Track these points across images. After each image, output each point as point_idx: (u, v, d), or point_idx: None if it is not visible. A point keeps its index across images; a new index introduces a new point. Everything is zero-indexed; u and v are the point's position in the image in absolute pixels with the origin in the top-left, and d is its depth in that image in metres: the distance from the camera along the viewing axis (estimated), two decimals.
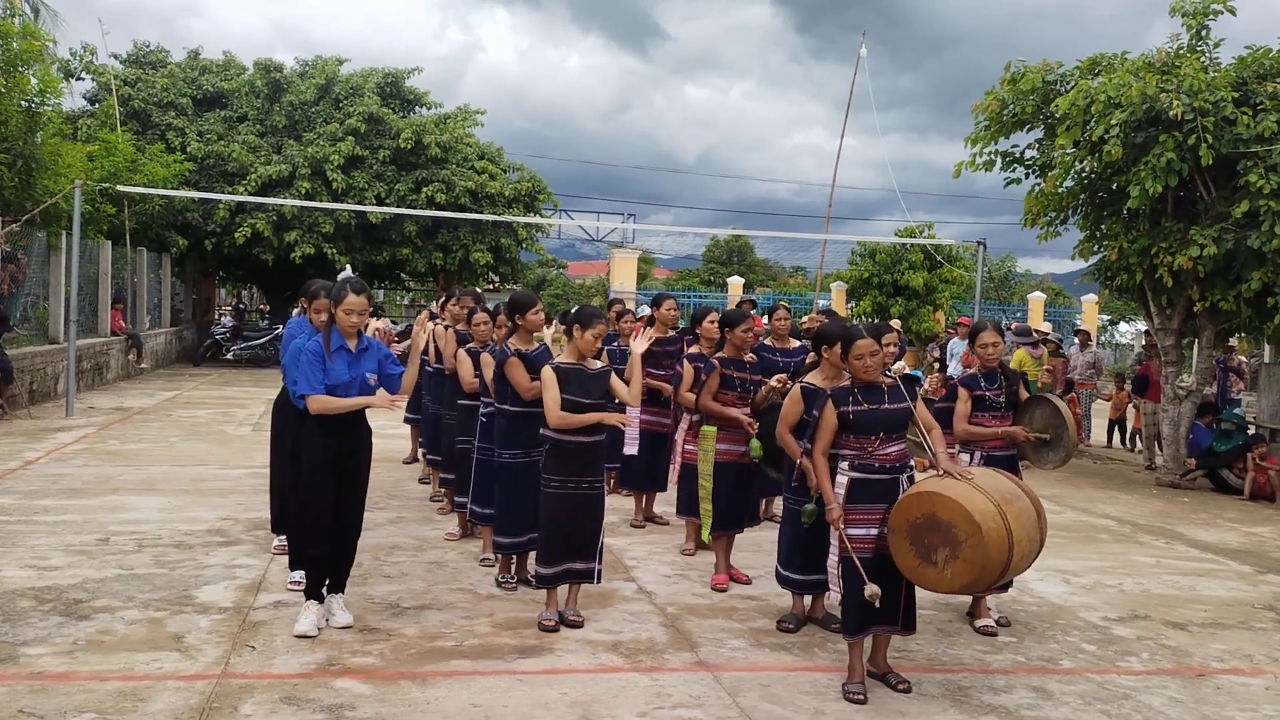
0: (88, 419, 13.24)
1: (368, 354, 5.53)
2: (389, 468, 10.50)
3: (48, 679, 4.63)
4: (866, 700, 4.80)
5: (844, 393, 5.00)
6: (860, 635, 4.93)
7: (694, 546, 7.45)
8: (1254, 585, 7.56)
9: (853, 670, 4.96)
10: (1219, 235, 10.89)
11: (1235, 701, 5.11)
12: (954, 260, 25.38)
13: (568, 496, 5.58)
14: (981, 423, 6.03)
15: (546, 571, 5.66)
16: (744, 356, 6.75)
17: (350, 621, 5.49)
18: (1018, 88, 12.34)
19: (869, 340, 4.99)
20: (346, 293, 5.39)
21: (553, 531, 5.63)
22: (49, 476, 9.31)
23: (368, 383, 5.48)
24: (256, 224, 22.62)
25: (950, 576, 4.62)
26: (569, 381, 5.56)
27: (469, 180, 24.07)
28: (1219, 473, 12.12)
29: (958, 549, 4.57)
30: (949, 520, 4.59)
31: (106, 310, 18.65)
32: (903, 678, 5.00)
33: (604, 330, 5.78)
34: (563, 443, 5.58)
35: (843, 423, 4.95)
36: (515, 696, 4.67)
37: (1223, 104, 10.72)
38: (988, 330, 6.11)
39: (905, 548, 4.72)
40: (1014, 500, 4.80)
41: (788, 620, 5.87)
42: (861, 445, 4.94)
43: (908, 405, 5.00)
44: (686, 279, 48.57)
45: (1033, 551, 4.93)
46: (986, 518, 4.55)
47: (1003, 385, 6.08)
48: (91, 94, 24.36)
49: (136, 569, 6.45)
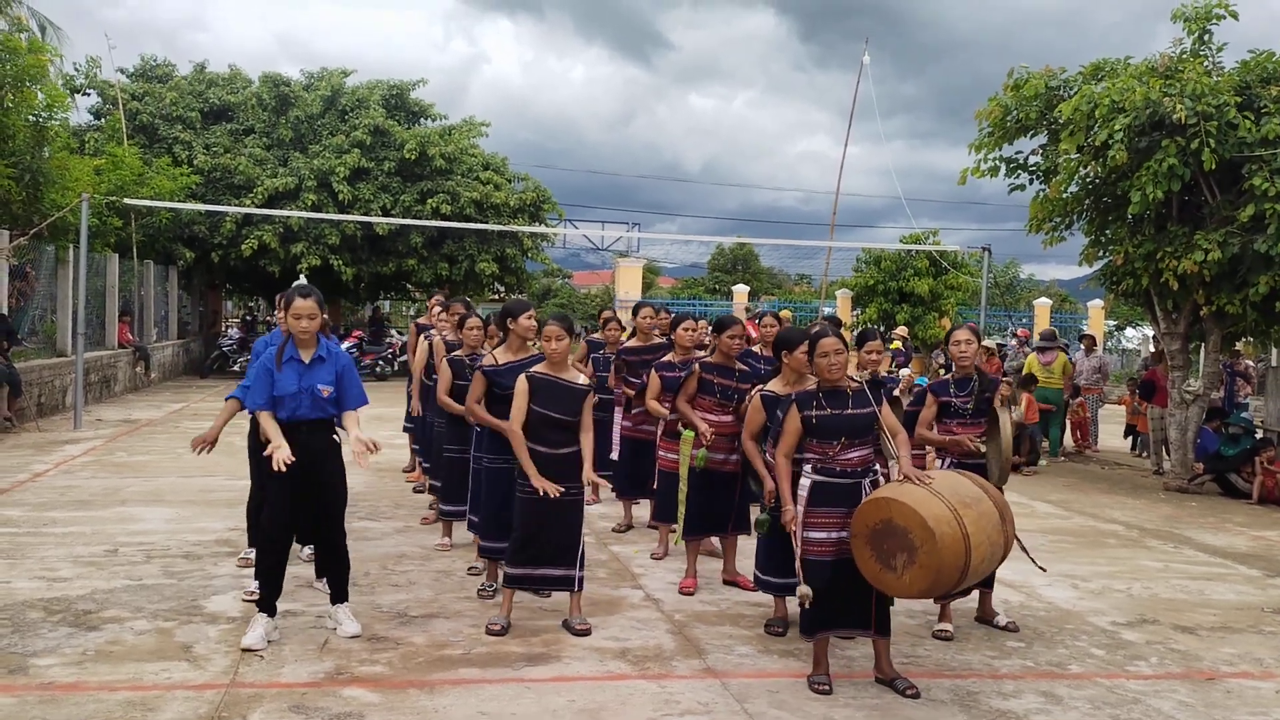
0: (95, 431, 13.29)
1: (324, 365, 5.36)
2: (394, 477, 10.52)
3: (57, 689, 4.65)
4: (831, 691, 4.91)
5: (808, 397, 5.05)
6: (814, 637, 5.01)
7: (664, 551, 7.47)
8: (1263, 589, 7.53)
9: (817, 663, 5.06)
10: (1224, 239, 10.88)
11: (1245, 705, 5.09)
12: (959, 266, 25.39)
13: (541, 502, 5.54)
14: (949, 429, 5.99)
15: (512, 571, 5.65)
16: (732, 364, 6.74)
17: (358, 630, 5.48)
18: (1021, 94, 12.36)
19: (833, 339, 5.06)
20: (294, 298, 5.33)
21: (524, 535, 5.62)
22: (57, 489, 9.34)
23: (318, 393, 5.30)
24: (263, 236, 22.70)
25: (909, 581, 4.67)
26: (539, 392, 5.57)
27: (474, 191, 24.14)
28: (1227, 477, 12.08)
29: (914, 554, 4.62)
30: (905, 526, 4.63)
31: (114, 323, 18.72)
32: (910, 683, 4.99)
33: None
34: (535, 451, 5.59)
35: (806, 427, 5.00)
36: (523, 704, 4.68)
37: (1226, 108, 10.72)
38: (962, 329, 6.10)
39: (867, 553, 4.78)
40: (973, 504, 4.82)
41: (775, 624, 5.89)
42: (823, 450, 4.99)
43: (872, 410, 5.04)
44: (692, 288, 48.58)
45: (995, 554, 4.96)
46: (940, 523, 4.60)
47: (974, 392, 5.99)
48: (97, 108, 24.48)
49: (145, 579, 6.47)
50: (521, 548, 5.63)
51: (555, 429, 5.59)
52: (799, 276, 59.10)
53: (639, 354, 8.14)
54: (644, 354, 8.12)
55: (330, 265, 23.27)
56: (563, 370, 5.69)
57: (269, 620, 5.39)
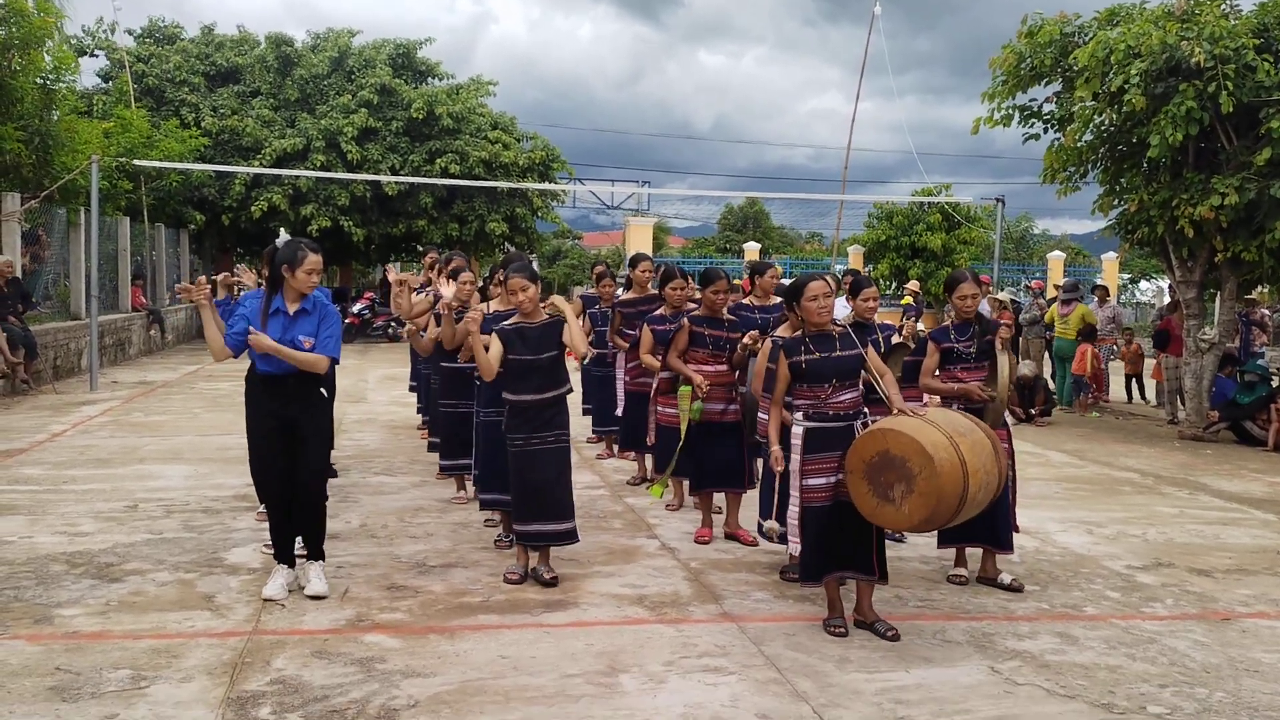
0: (112, 393, 13.37)
1: (307, 317, 5.27)
2: (409, 434, 10.57)
3: (82, 638, 4.71)
4: (848, 634, 4.96)
5: (795, 343, 5.08)
6: (818, 581, 5.04)
7: (679, 502, 7.53)
8: (1279, 533, 7.53)
9: (831, 606, 5.10)
10: (1241, 184, 10.76)
11: (1261, 644, 5.11)
12: (972, 220, 25.23)
13: (530, 453, 5.56)
14: (954, 375, 5.95)
15: (521, 528, 5.67)
16: (720, 315, 6.73)
17: (323, 591, 5.31)
18: (1035, 41, 12.20)
19: (820, 282, 5.08)
20: (305, 253, 5.22)
21: (522, 490, 5.64)
22: (76, 448, 9.41)
23: (300, 346, 5.22)
24: (273, 198, 22.69)
25: (909, 512, 4.65)
26: (511, 343, 5.55)
27: (483, 150, 24.04)
28: (1242, 425, 12.05)
29: (912, 482, 4.59)
30: (902, 455, 4.62)
31: (127, 286, 18.79)
32: (890, 625, 5.01)
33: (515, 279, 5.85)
34: (519, 403, 5.59)
35: (795, 372, 5.03)
36: (542, 648, 4.72)
37: (1244, 51, 10.57)
38: (967, 281, 5.99)
39: (863, 489, 4.76)
40: (967, 433, 4.80)
41: (791, 570, 5.86)
42: (815, 394, 5.02)
43: (859, 351, 5.05)
44: (703, 247, 48.46)
45: (991, 484, 4.88)
46: (938, 449, 4.58)
47: (975, 336, 5.96)
48: (105, 71, 24.42)
49: (165, 533, 6.54)
50: (523, 504, 5.66)
51: (534, 373, 5.56)
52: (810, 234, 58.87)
53: (634, 306, 8.13)
54: (639, 305, 8.11)
55: (340, 226, 23.26)
56: (535, 317, 5.62)
57: (289, 570, 5.44)
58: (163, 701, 4.05)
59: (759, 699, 4.24)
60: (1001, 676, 4.56)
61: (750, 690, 4.32)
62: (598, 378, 9.31)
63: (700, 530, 6.76)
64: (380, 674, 4.37)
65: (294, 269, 5.22)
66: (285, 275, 5.24)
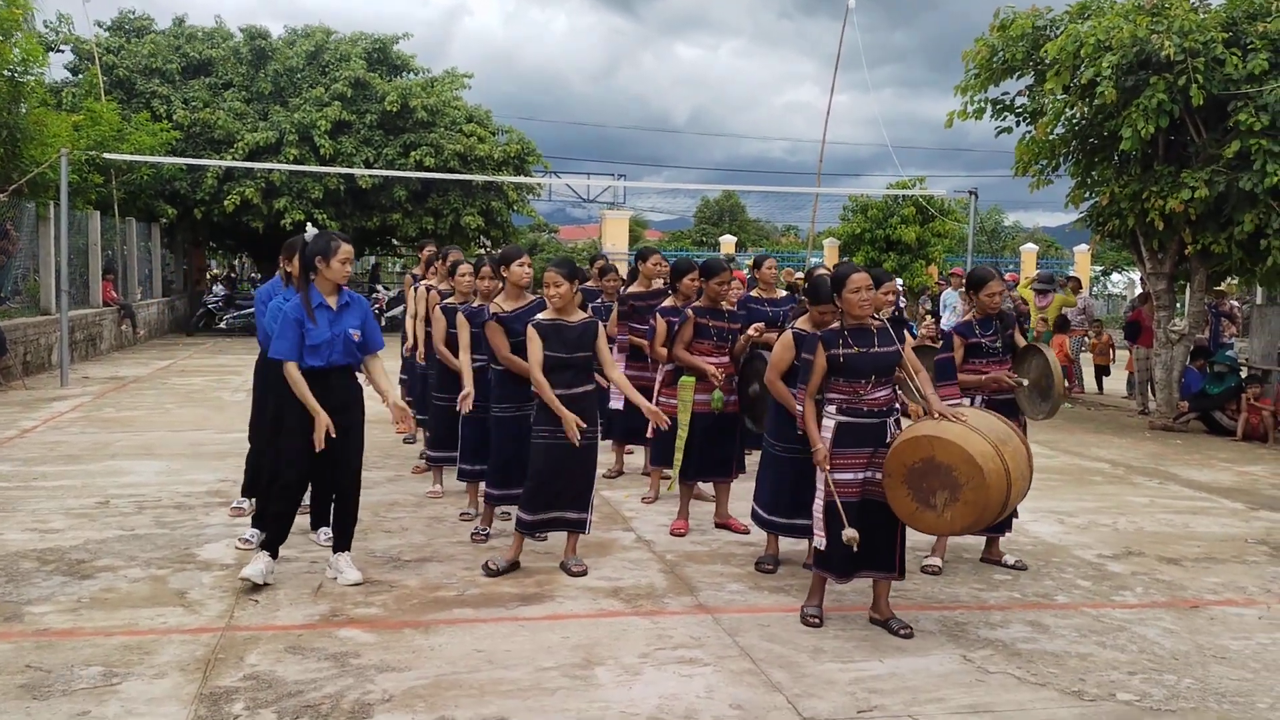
0: (83, 388, 13.24)
1: (350, 310, 5.41)
2: (386, 429, 10.51)
3: (53, 635, 4.67)
4: (823, 624, 4.97)
5: (834, 335, 4.98)
6: (849, 579, 5.00)
7: (655, 495, 7.55)
8: (1247, 521, 7.63)
9: (812, 593, 5.12)
10: (1210, 177, 10.88)
11: (1229, 631, 5.18)
12: (946, 213, 25.35)
13: (557, 447, 5.58)
14: (980, 369, 6.00)
15: (528, 518, 5.66)
16: (722, 306, 6.74)
17: (359, 579, 5.47)
18: (1007, 34, 12.29)
19: (864, 274, 4.99)
20: (339, 243, 5.32)
21: (540, 481, 5.64)
22: (46, 444, 9.32)
23: (350, 339, 5.36)
24: (245, 191, 22.49)
25: (950, 519, 4.61)
26: (548, 338, 5.55)
27: (457, 143, 23.92)
28: (1212, 415, 12.20)
29: (958, 491, 4.55)
30: (948, 463, 4.57)
31: (97, 281, 18.58)
32: (904, 623, 4.99)
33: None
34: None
35: (832, 366, 4.93)
36: (518, 641, 4.72)
37: (1213, 44, 10.68)
38: (995, 280, 6.04)
39: (902, 493, 4.70)
40: (1008, 441, 4.78)
41: (766, 562, 5.93)
42: (852, 389, 4.93)
43: (897, 349, 4.98)
44: (679, 240, 48.46)
45: (1025, 490, 4.93)
46: (987, 459, 4.54)
47: (998, 331, 6.05)
48: (73, 64, 24.13)
49: (137, 530, 6.49)
50: (536, 494, 5.65)
51: (566, 370, 5.58)
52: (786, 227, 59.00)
53: (643, 299, 8.12)
54: (649, 299, 8.10)
55: (314, 220, 23.09)
56: (569, 314, 5.67)
57: (271, 560, 5.43)
58: (135, 698, 4.02)
59: (734, 689, 4.26)
60: (974, 665, 4.60)
61: (725, 681, 4.34)
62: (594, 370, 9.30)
63: (676, 523, 6.77)
64: (354, 669, 4.36)
65: (328, 259, 5.31)
66: (320, 267, 5.32)
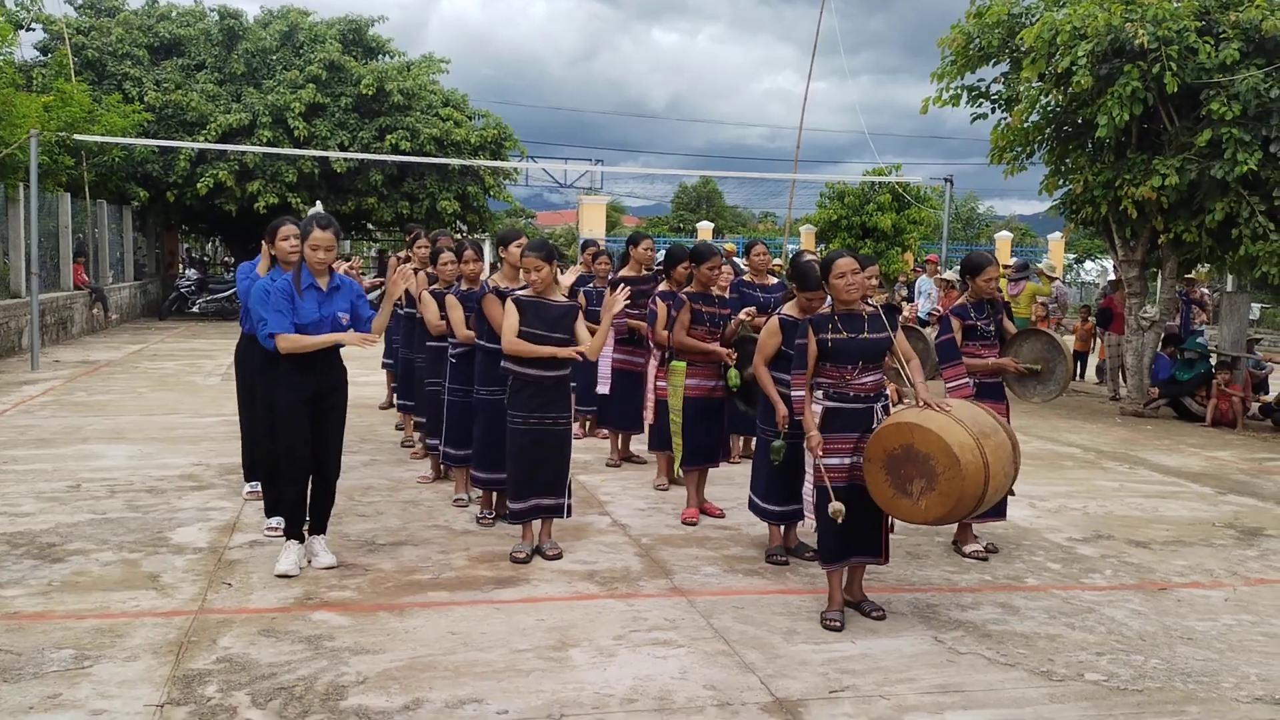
0: (54, 372, 13.12)
1: (339, 293, 5.42)
2: (361, 413, 10.48)
3: (24, 619, 4.64)
4: (844, 628, 4.83)
5: (823, 320, 4.97)
6: (839, 564, 4.97)
7: (667, 481, 7.53)
8: (1214, 505, 7.73)
9: (831, 599, 4.97)
10: (1182, 165, 10.98)
11: (1195, 612, 5.25)
12: (922, 200, 25.47)
13: (530, 432, 5.59)
14: (974, 352, 6.04)
15: (516, 507, 5.69)
16: (712, 291, 6.77)
17: (333, 562, 5.47)
18: (983, 21, 12.33)
19: (849, 259, 5.00)
20: (313, 228, 5.30)
21: (519, 467, 5.65)
22: (16, 428, 9.23)
23: (339, 321, 5.38)
24: (218, 174, 22.29)
25: (925, 508, 4.63)
26: (526, 313, 5.56)
27: (434, 127, 23.79)
28: (1181, 401, 12.33)
29: (934, 481, 4.57)
30: (927, 452, 4.58)
31: (68, 264, 18.38)
32: (877, 605, 5.02)
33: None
34: (525, 376, 5.59)
35: (820, 350, 4.93)
36: (493, 624, 4.73)
37: (1186, 33, 10.76)
38: (992, 265, 6.08)
39: (881, 478, 4.72)
40: (991, 434, 4.78)
41: (777, 553, 5.86)
42: (840, 374, 4.93)
43: (887, 334, 4.99)
44: (656, 226, 48.41)
45: (1006, 484, 4.93)
46: (965, 450, 4.55)
47: (990, 315, 6.10)
48: (43, 44, 23.80)
49: (109, 513, 6.44)
50: (520, 482, 5.66)
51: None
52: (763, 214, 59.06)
53: (634, 284, 8.12)
54: (640, 284, 8.11)
55: (289, 204, 22.92)
56: (550, 294, 5.67)
57: (299, 546, 5.42)
58: (106, 681, 4.00)
59: (708, 670, 4.28)
60: (944, 646, 4.65)
61: (699, 662, 4.37)
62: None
63: (687, 511, 6.72)
64: (328, 651, 4.35)
65: (273, 239, 5.46)
66: (267, 245, 5.39)
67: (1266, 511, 7.60)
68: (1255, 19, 10.72)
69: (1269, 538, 6.83)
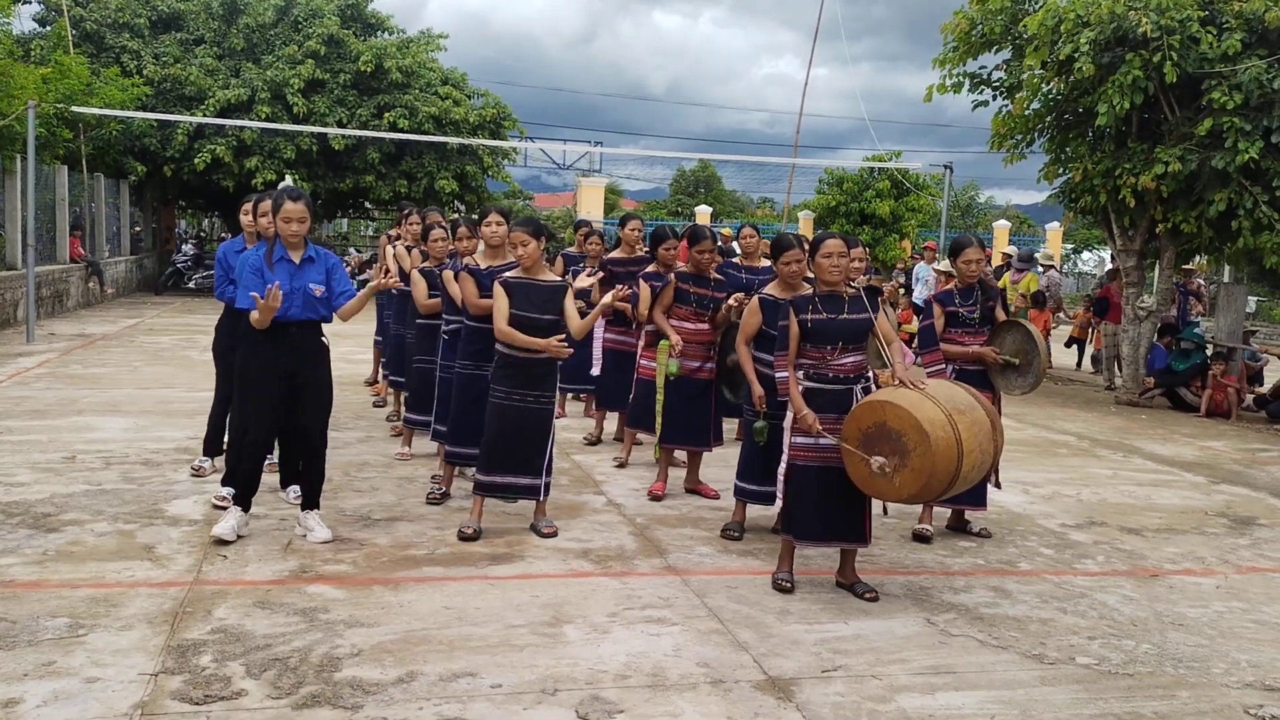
0: (49, 345, 13.09)
1: (313, 265, 5.38)
2: (357, 389, 10.50)
3: (18, 587, 4.64)
4: (794, 589, 5.01)
5: (804, 301, 5.01)
6: (801, 539, 5.02)
7: (626, 457, 7.59)
8: (1207, 494, 7.76)
9: (782, 560, 5.15)
10: (1183, 155, 10.97)
11: (1187, 599, 5.28)
12: (921, 187, 25.43)
13: (513, 409, 5.57)
14: (956, 339, 6.03)
15: (483, 479, 5.67)
16: (707, 273, 6.76)
17: (329, 536, 5.47)
18: (986, 7, 12.29)
19: (838, 241, 5.02)
20: (284, 200, 5.29)
21: (494, 442, 5.63)
22: (11, 399, 9.22)
23: (311, 294, 5.32)
24: (216, 149, 22.18)
25: (899, 485, 4.66)
26: (515, 295, 5.54)
27: (432, 106, 23.68)
28: (1177, 391, 12.36)
29: (906, 457, 4.60)
30: (899, 429, 4.62)
31: (65, 237, 18.31)
32: (870, 587, 5.05)
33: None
34: (511, 355, 5.57)
35: (801, 331, 4.97)
36: (487, 599, 4.74)
37: (1188, 22, 10.74)
38: (972, 247, 6.02)
39: (856, 457, 4.76)
40: (967, 411, 4.79)
41: (732, 529, 5.94)
42: (820, 355, 4.97)
43: (868, 316, 5.02)
44: (654, 210, 48.32)
45: (985, 462, 4.94)
46: (935, 426, 4.58)
47: (978, 301, 6.06)
48: (41, 15, 23.65)
49: (104, 485, 6.44)
50: (490, 455, 5.64)
51: (533, 330, 5.53)
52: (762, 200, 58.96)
53: (625, 265, 8.10)
54: (629, 265, 8.09)
55: (283, 175, 22.81)
56: (537, 273, 5.65)
57: (242, 515, 5.43)
58: (101, 649, 4.01)
59: (701, 649, 4.30)
60: (937, 628, 4.67)
61: (693, 640, 4.38)
62: None
63: (655, 484, 6.79)
64: (323, 624, 4.36)
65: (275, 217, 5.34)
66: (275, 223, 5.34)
67: (1259, 501, 7.63)
68: (1258, 9, 10.70)
69: (1261, 527, 6.87)
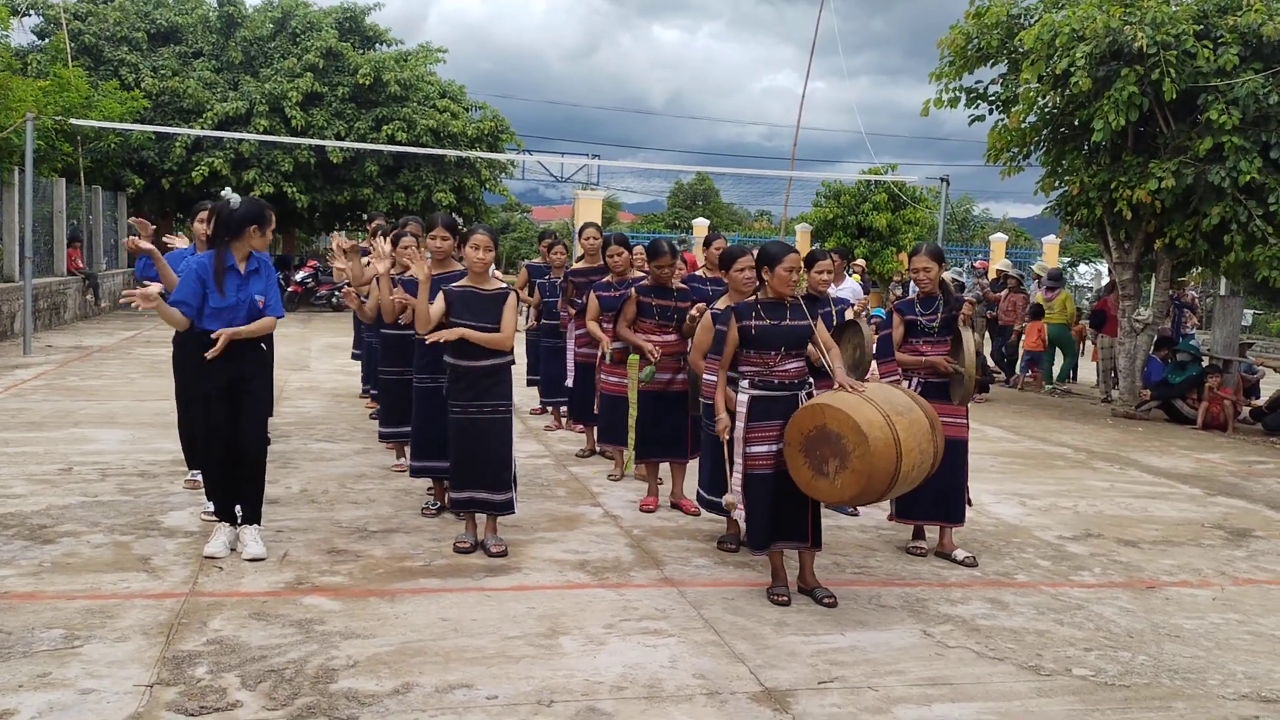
0: (46, 357, 13.09)
1: (258, 276, 5.33)
2: (352, 402, 10.49)
3: (14, 599, 4.63)
4: (790, 602, 5.01)
5: (747, 308, 5.11)
6: (765, 550, 5.09)
7: (620, 472, 7.55)
8: (1204, 506, 7.76)
9: (775, 575, 5.15)
10: (1178, 169, 11.01)
11: (1183, 611, 5.28)
12: (917, 200, 25.49)
13: (469, 422, 5.51)
14: (916, 349, 6.00)
15: (457, 496, 5.65)
16: (669, 285, 6.76)
17: (261, 554, 5.29)
18: (982, 21, 12.34)
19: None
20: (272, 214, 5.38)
21: (459, 457, 5.58)
22: (8, 411, 9.21)
23: (255, 304, 5.26)
24: (214, 162, 22.25)
25: (840, 486, 4.74)
26: (454, 304, 5.48)
27: (430, 119, 23.76)
28: (1173, 403, 12.36)
29: (846, 459, 4.68)
30: (838, 431, 4.70)
31: (62, 249, 18.34)
32: (829, 592, 5.09)
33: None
34: (458, 367, 5.51)
35: (743, 337, 5.06)
36: (484, 611, 4.74)
37: (1184, 37, 10.78)
38: (920, 255, 5.99)
39: (800, 461, 4.84)
40: (905, 412, 4.87)
41: (728, 541, 5.93)
42: (763, 361, 5.05)
43: (808, 323, 5.10)
44: (652, 223, 48.41)
45: (925, 463, 4.96)
46: (873, 427, 4.65)
47: (939, 311, 5.99)
48: (40, 28, 23.72)
49: (101, 496, 6.44)
50: (459, 472, 5.60)
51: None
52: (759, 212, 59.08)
53: (586, 275, 8.09)
54: (590, 275, 8.06)
55: (284, 193, 22.88)
56: (483, 281, 5.57)
57: (230, 529, 5.40)
58: (97, 660, 4.01)
59: (697, 660, 4.29)
60: (933, 640, 4.67)
61: (689, 652, 4.38)
62: (548, 349, 9.26)
63: (645, 499, 6.80)
64: (319, 635, 4.36)
65: (263, 229, 5.30)
66: (254, 235, 5.28)
67: (1255, 513, 7.63)
68: (1254, 23, 10.75)
69: (1257, 539, 6.87)
